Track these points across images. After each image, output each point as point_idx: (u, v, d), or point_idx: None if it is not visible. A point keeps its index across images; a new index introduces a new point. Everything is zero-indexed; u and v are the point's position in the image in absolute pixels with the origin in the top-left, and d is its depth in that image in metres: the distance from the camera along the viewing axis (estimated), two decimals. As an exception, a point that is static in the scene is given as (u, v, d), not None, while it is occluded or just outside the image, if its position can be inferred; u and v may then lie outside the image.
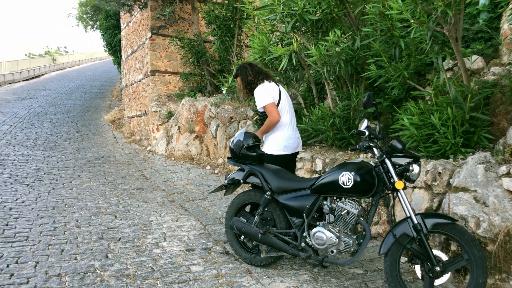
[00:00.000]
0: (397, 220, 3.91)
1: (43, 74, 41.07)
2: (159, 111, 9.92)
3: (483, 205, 3.50)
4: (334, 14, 5.01)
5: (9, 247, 4.17)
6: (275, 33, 5.73)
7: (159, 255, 4.12)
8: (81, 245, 4.31)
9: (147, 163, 8.55)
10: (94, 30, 23.44)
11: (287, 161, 4.13)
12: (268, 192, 3.71)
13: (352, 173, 3.31)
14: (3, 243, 4.26)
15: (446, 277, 3.22)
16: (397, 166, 3.22)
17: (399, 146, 3.29)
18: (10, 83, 30.44)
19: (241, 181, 3.91)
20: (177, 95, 9.88)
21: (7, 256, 3.96)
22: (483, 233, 3.41)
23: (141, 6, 9.67)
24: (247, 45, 8.14)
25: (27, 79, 35.15)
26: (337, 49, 4.80)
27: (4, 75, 31.19)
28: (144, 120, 10.99)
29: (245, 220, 3.96)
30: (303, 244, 3.55)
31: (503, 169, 3.49)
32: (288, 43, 5.44)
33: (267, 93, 4.00)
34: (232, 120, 7.80)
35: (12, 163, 7.93)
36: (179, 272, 3.75)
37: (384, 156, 3.25)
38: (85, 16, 22.47)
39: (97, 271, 3.74)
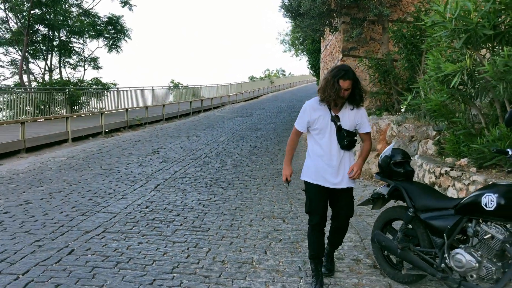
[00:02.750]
0: None
1: (261, 95, 45.68)
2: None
3: None
4: (510, 27, 4.63)
5: (193, 235, 5.08)
6: (449, 50, 5.52)
7: (310, 258, 4.46)
8: (248, 240, 4.96)
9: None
10: (304, 54, 25.27)
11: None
12: (410, 209, 3.71)
13: (496, 195, 3.12)
14: (190, 231, 5.21)
15: None
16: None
17: None
18: (233, 103, 34.80)
19: (386, 196, 3.99)
20: (364, 114, 10.07)
21: (190, 241, 4.85)
22: None
23: (331, 30, 10.25)
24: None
25: (247, 100, 39.62)
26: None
27: (229, 96, 35.88)
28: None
29: (391, 236, 4.01)
30: (442, 265, 3.45)
31: None
32: (460, 59, 5.20)
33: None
34: (412, 139, 7.64)
35: (216, 169, 9.32)
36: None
37: None
38: (296, 41, 24.46)
39: (254, 263, 4.30)
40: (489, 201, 3.15)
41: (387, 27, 9.42)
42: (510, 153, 3.10)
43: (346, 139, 3.60)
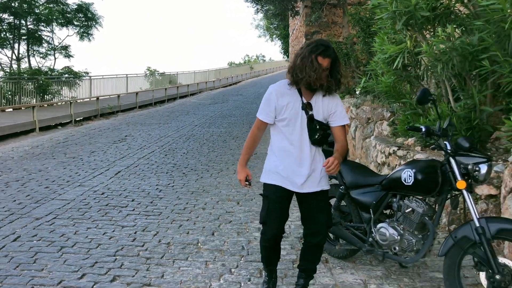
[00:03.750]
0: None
1: (240, 81, 45.60)
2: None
3: None
4: (449, 9, 4.76)
5: (144, 219, 5.15)
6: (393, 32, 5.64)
7: (255, 238, 4.58)
8: (197, 223, 5.06)
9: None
10: (278, 39, 25.29)
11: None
12: (342, 187, 3.85)
13: (413, 170, 3.26)
14: (141, 216, 5.27)
15: (514, 288, 2.92)
16: (461, 166, 3.06)
17: (466, 144, 3.11)
18: (210, 90, 34.69)
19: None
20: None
21: (139, 225, 4.92)
22: None
23: (292, 15, 10.32)
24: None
25: (226, 86, 39.53)
26: (448, 44, 4.57)
27: (206, 82, 35.73)
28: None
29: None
30: (370, 239, 3.60)
31: None
32: (401, 41, 5.33)
33: None
34: (369, 121, 7.80)
35: (181, 155, 9.37)
36: (263, 254, 4.15)
37: (448, 154, 3.11)
38: (270, 26, 24.46)
39: (199, 244, 4.40)
40: (408, 176, 3.30)
41: (347, 10, 9.53)
42: (423, 130, 3.24)
43: (319, 132, 2.92)
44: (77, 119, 15.55)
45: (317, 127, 2.94)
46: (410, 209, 3.34)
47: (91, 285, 3.46)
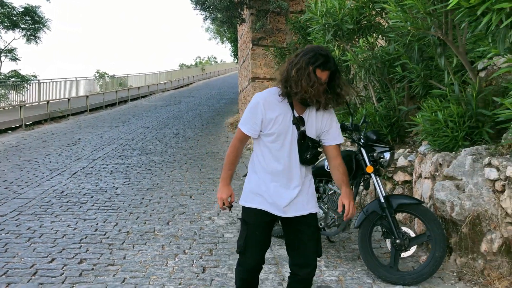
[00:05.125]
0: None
1: (192, 83, 45.78)
2: (258, 113, 11.16)
3: (462, 192, 3.84)
4: (370, 22, 5.56)
5: (104, 213, 5.62)
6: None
7: (206, 225, 5.18)
8: (153, 214, 5.59)
9: (242, 158, 9.77)
10: (228, 42, 25.92)
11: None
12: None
13: (333, 159, 3.98)
14: (100, 210, 5.74)
15: (411, 250, 3.71)
16: (370, 154, 3.80)
17: (373, 137, 3.86)
18: (162, 92, 34.76)
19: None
20: (274, 99, 10.96)
21: (99, 218, 5.40)
22: (456, 216, 3.78)
23: (239, 22, 11.00)
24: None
25: (177, 88, 39.67)
26: (369, 53, 5.36)
27: (157, 84, 35.77)
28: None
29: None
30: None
31: (486, 160, 3.79)
32: (331, 50, 6.10)
33: None
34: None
35: (135, 156, 9.80)
36: (213, 237, 4.77)
37: (359, 145, 3.84)
38: (221, 29, 25.05)
39: (155, 231, 4.95)
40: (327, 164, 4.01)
41: (288, 19, 10.31)
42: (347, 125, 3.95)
43: (310, 151, 2.58)
44: (27, 123, 15.50)
45: (309, 145, 2.57)
46: (332, 191, 4.07)
47: (61, 266, 3.94)
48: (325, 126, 2.63)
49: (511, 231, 3.42)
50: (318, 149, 2.63)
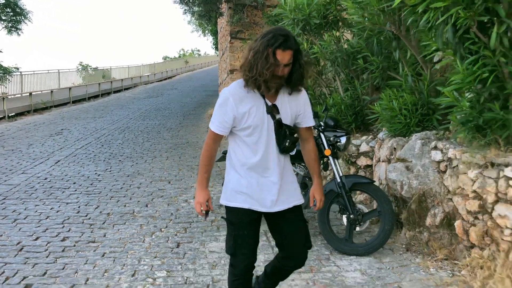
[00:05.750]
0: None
1: (175, 76, 45.77)
2: (237, 104, 11.58)
3: (411, 172, 4.27)
4: (336, 18, 5.95)
5: (86, 197, 5.94)
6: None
7: (183, 207, 5.54)
8: (133, 198, 5.93)
9: (220, 147, 10.12)
10: (210, 35, 26.19)
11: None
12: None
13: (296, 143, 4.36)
14: (82, 195, 6.06)
15: (364, 225, 4.13)
16: (327, 138, 4.19)
17: (331, 123, 4.25)
18: (145, 84, 34.80)
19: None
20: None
21: (81, 202, 5.72)
22: (405, 193, 4.21)
23: (218, 15, 11.32)
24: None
25: (161, 80, 39.70)
26: (334, 46, 5.74)
27: (140, 77, 35.80)
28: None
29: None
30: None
31: (433, 144, 4.21)
32: (300, 43, 6.48)
33: None
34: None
35: (117, 145, 10.09)
36: (188, 217, 5.14)
37: (319, 130, 4.23)
38: (202, 22, 25.18)
39: (134, 213, 5.29)
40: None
41: (264, 12, 10.67)
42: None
43: (288, 139, 2.47)
44: (10, 115, 15.61)
45: (287, 132, 2.46)
46: (296, 172, 4.45)
47: (45, 244, 4.28)
48: (300, 109, 2.53)
49: (451, 206, 3.84)
50: (295, 135, 2.53)
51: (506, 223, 3.15)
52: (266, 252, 4.06)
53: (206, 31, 26.49)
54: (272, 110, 2.44)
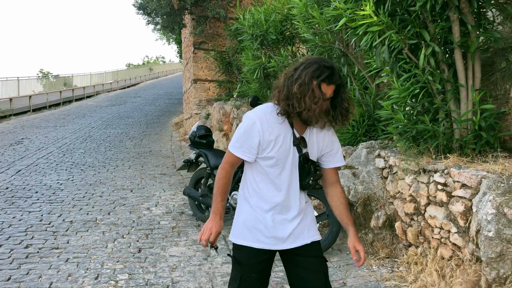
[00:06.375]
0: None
1: (139, 83, 45.37)
2: (200, 113, 11.74)
3: (357, 178, 4.64)
4: (292, 34, 6.32)
5: (49, 205, 6.04)
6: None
7: (145, 214, 5.73)
8: (96, 206, 6.07)
9: (183, 156, 10.32)
10: (174, 43, 26.32)
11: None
12: (208, 168, 5.16)
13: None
14: (45, 203, 6.15)
15: (315, 227, 4.44)
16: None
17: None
18: (108, 92, 34.42)
19: (193, 160, 5.40)
20: (215, 100, 11.61)
21: (44, 211, 5.82)
22: (351, 198, 4.56)
23: (180, 27, 11.56)
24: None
25: (124, 88, 39.34)
26: (290, 61, 6.10)
27: (103, 84, 35.39)
28: (191, 121, 12.91)
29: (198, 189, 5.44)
30: (228, 204, 4.95)
31: (377, 152, 4.59)
32: (258, 57, 6.83)
33: None
34: (246, 120, 9.28)
35: (79, 155, 10.13)
36: (150, 224, 5.33)
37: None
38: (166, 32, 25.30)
39: (97, 221, 5.45)
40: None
41: (226, 25, 10.98)
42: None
43: (312, 176, 2.24)
44: (-34, 124, 15.28)
45: (311, 169, 2.24)
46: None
47: (9, 251, 4.39)
48: (327, 147, 2.28)
49: (392, 209, 4.22)
50: (318, 173, 2.27)
51: (436, 223, 3.55)
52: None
53: (171, 40, 26.57)
54: (300, 143, 2.21)
